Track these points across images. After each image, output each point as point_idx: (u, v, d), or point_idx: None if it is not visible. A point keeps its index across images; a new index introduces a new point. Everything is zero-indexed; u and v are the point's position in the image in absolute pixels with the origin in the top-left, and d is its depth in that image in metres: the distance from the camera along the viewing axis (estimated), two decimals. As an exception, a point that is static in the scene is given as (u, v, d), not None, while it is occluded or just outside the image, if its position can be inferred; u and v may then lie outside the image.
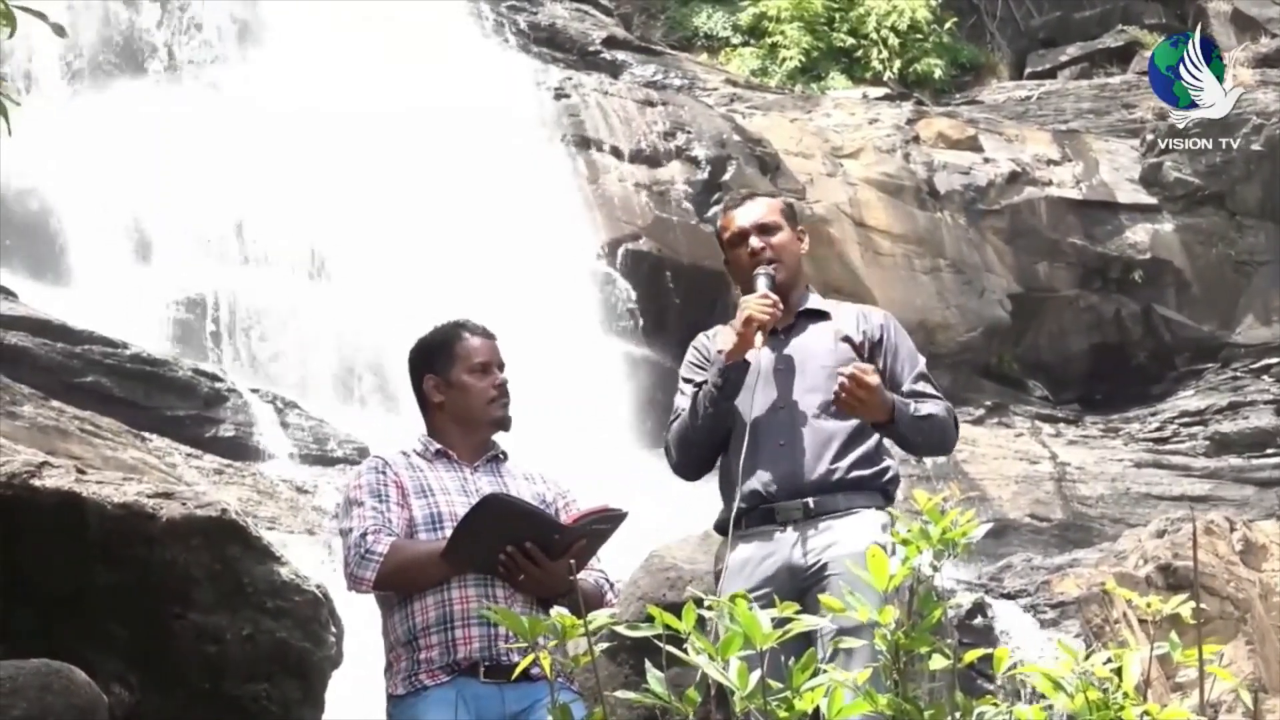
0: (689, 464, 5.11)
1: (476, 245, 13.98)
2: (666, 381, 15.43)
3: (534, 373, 7.17)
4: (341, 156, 14.15)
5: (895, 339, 5.14)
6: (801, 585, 4.72)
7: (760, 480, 4.89)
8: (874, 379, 4.83)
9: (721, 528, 4.95)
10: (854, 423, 4.94)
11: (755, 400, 4.93)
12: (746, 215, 5.16)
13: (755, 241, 5.09)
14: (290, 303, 13.61)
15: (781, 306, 4.97)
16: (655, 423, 14.74)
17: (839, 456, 4.92)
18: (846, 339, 5.07)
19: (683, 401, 5.08)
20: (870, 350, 5.06)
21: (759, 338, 4.88)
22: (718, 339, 5.11)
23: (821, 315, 5.15)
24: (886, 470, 4.98)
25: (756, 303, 4.90)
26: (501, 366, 4.93)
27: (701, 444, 5.03)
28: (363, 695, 5.35)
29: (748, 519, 4.90)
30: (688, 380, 5.13)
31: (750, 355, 4.90)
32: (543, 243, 14.69)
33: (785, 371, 5.01)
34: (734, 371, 4.91)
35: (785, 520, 4.87)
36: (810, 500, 4.86)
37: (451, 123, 14.86)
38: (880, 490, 4.90)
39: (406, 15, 15.94)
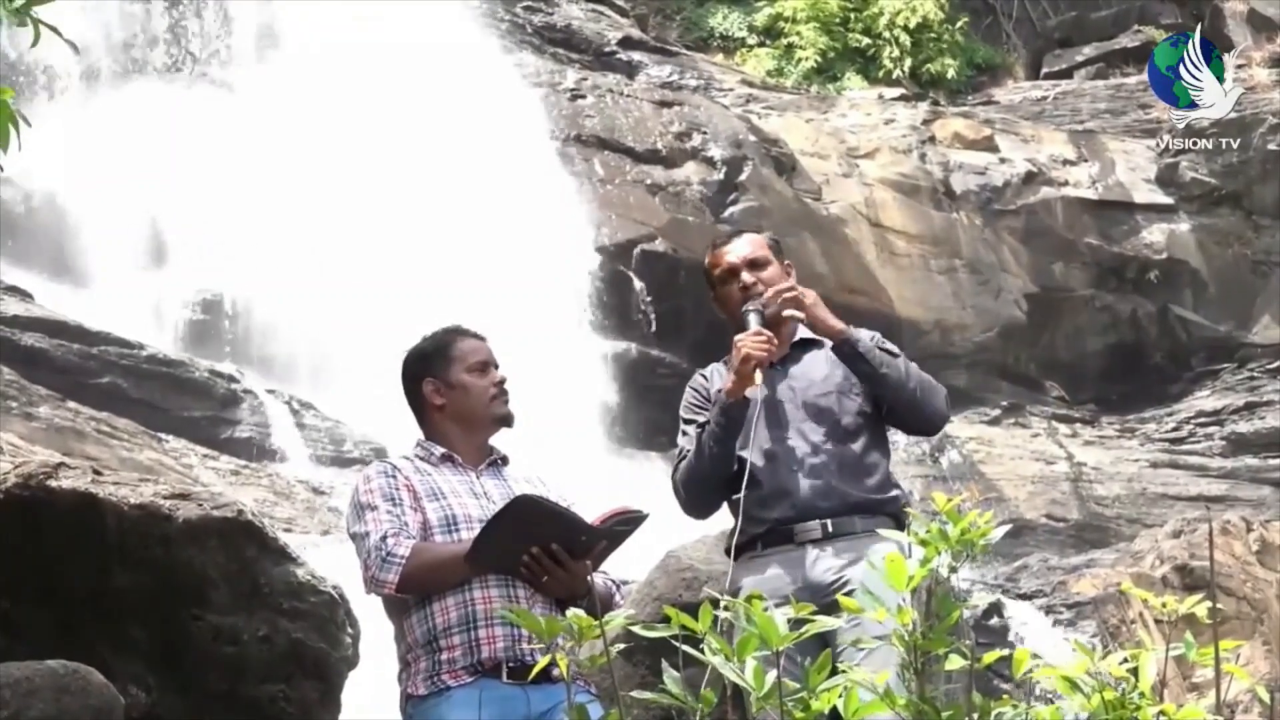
0: (698, 503, 5.12)
1: (493, 249, 13.99)
2: (679, 382, 15.43)
3: (535, 373, 7.17)
4: (356, 159, 14.17)
5: (889, 347, 5.16)
6: (822, 602, 4.73)
7: (778, 505, 4.93)
8: (811, 295, 4.98)
9: (730, 551, 4.98)
10: (863, 445, 5.00)
11: (762, 433, 4.97)
12: (735, 251, 5.17)
13: (746, 276, 5.10)
14: (305, 304, 13.62)
15: (776, 341, 4.99)
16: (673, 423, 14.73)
17: (853, 479, 4.95)
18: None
19: (686, 442, 5.11)
20: None
21: (758, 375, 4.90)
22: (714, 379, 5.16)
23: (815, 343, 5.18)
24: (898, 497, 5.01)
25: (752, 340, 4.92)
26: (498, 365, 4.93)
27: (709, 483, 5.05)
28: (380, 696, 5.35)
29: (764, 540, 4.93)
30: (688, 421, 5.16)
31: (750, 392, 4.92)
32: (555, 243, 14.71)
33: (788, 402, 5.04)
34: (735, 409, 4.94)
35: (804, 541, 4.89)
36: (829, 522, 4.89)
37: (467, 125, 14.88)
38: (893, 515, 4.90)
39: (420, 18, 15.96)
